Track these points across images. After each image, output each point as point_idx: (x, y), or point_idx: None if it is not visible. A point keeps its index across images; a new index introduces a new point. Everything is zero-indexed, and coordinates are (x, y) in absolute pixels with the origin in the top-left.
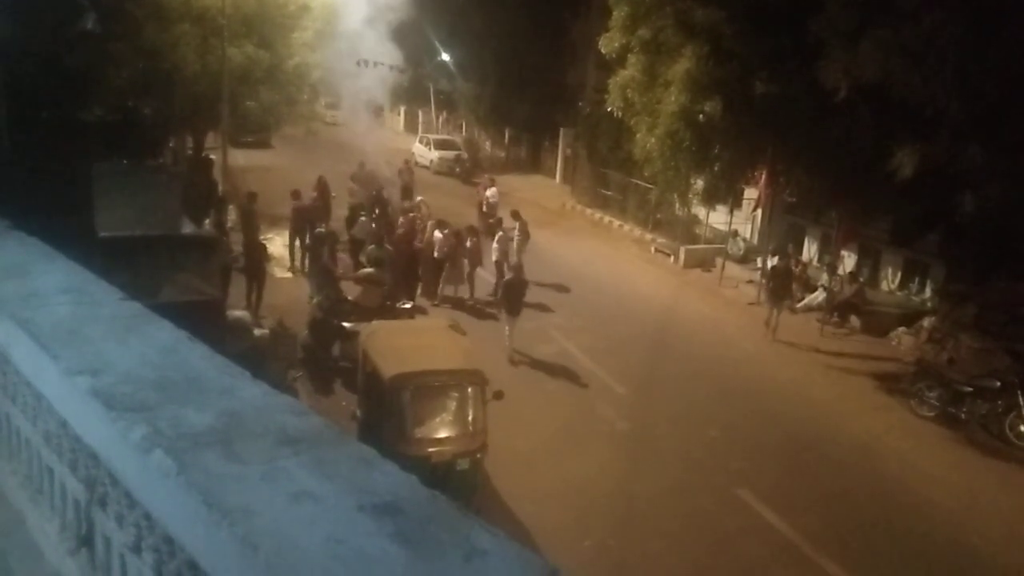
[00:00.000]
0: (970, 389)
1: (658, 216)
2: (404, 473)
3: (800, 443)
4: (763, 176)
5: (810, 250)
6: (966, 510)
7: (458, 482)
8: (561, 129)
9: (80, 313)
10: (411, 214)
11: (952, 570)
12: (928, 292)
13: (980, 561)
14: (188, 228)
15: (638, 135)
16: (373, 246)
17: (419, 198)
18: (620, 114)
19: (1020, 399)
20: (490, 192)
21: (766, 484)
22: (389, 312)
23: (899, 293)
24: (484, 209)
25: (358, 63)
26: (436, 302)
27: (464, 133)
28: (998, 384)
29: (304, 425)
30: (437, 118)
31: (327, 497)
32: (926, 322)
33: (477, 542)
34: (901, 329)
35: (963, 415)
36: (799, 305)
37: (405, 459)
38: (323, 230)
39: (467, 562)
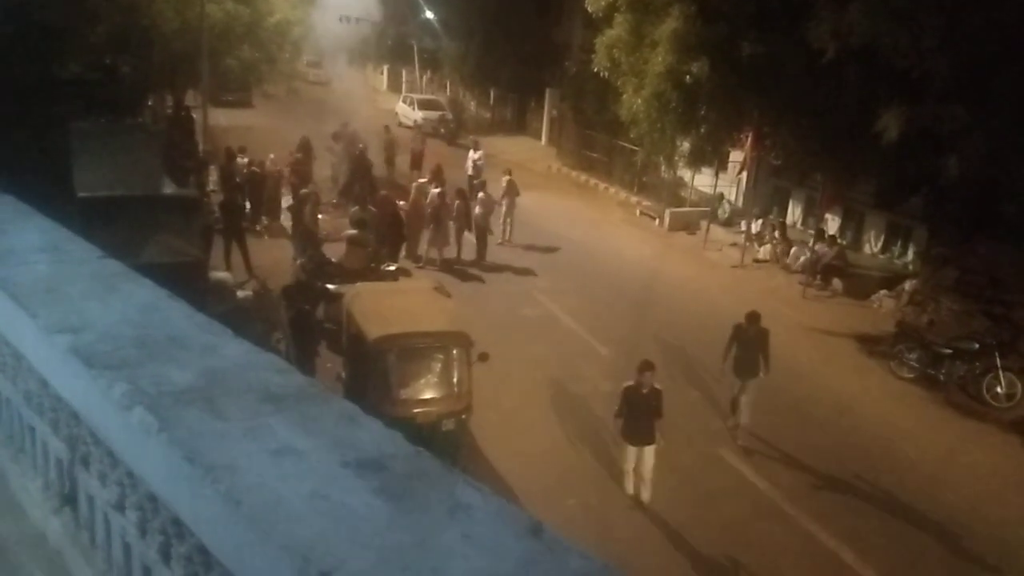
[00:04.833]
0: (949, 351)
1: (644, 179)
2: (388, 430)
3: (781, 404)
4: (749, 138)
5: (795, 213)
6: (943, 468)
7: (443, 442)
8: (547, 90)
9: (59, 271)
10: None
11: (929, 526)
12: (910, 255)
13: (956, 517)
14: (169, 188)
15: (624, 96)
16: (357, 207)
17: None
18: (606, 74)
19: (998, 361)
20: (476, 155)
21: (747, 443)
22: (373, 274)
23: (882, 256)
24: (470, 172)
25: (340, 19)
26: (420, 264)
27: (448, 93)
28: (976, 346)
29: (287, 382)
30: (421, 77)
31: (310, 453)
32: (907, 285)
33: (461, 497)
34: (883, 292)
35: (942, 376)
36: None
37: (390, 420)
38: (306, 191)
39: (451, 516)
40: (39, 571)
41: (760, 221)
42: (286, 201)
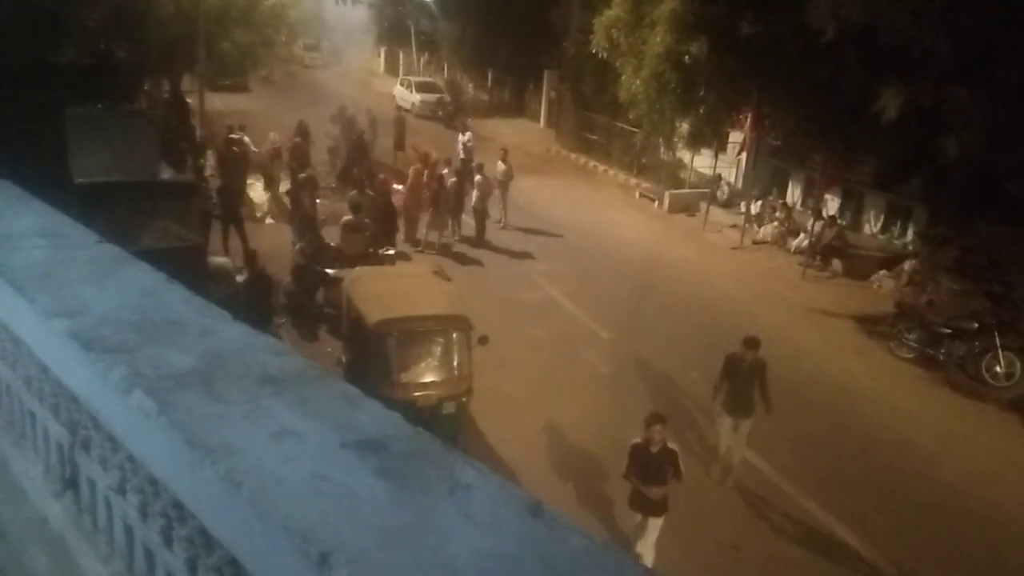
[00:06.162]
0: (948, 331)
1: (643, 160)
2: (388, 411)
3: (781, 385)
4: (748, 119)
5: (794, 194)
6: (942, 448)
7: (444, 425)
8: (545, 71)
9: (57, 256)
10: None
11: (927, 505)
12: (910, 235)
13: (954, 496)
14: (166, 174)
15: (623, 77)
16: (355, 191)
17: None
18: (605, 55)
19: (997, 340)
20: (465, 137)
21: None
22: (372, 258)
23: (881, 236)
24: (461, 155)
25: (337, 1)
26: (420, 248)
27: (446, 75)
28: (976, 326)
29: (286, 365)
30: (418, 60)
31: (310, 435)
32: (907, 265)
33: (461, 476)
34: (882, 272)
35: (941, 356)
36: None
37: (391, 403)
38: (305, 175)
39: (451, 496)
40: (42, 555)
41: (760, 202)
42: (283, 185)
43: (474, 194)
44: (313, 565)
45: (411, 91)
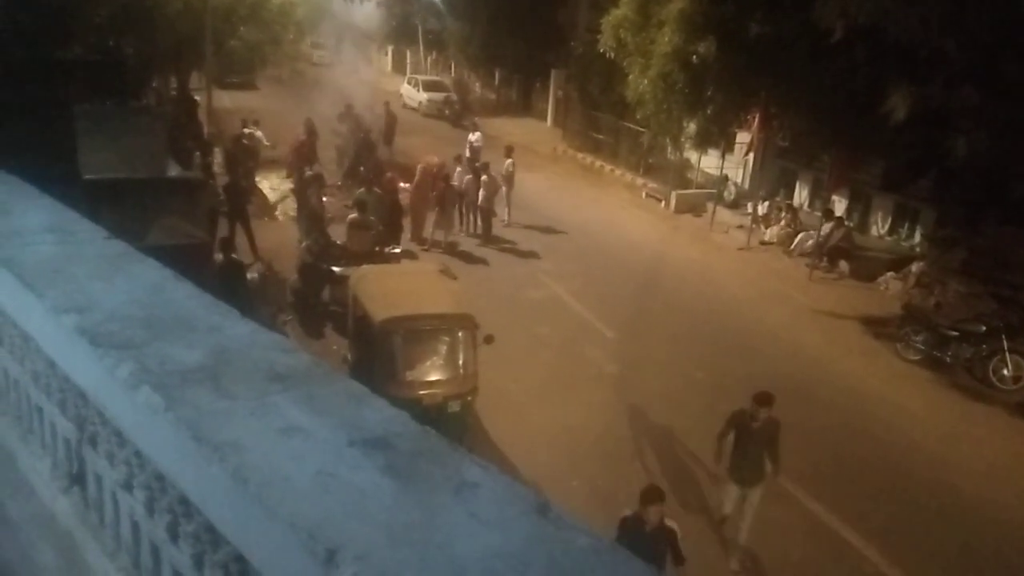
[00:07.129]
0: (955, 333)
1: (650, 160)
2: (394, 409)
3: (786, 386)
4: (756, 120)
5: (801, 195)
6: (948, 450)
7: (449, 424)
8: (552, 71)
9: (65, 252)
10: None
11: (933, 507)
12: (918, 237)
13: (960, 499)
14: (174, 171)
15: (631, 77)
16: (362, 189)
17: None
18: (612, 55)
19: (1004, 343)
20: (474, 136)
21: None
22: (378, 256)
23: (889, 238)
24: (468, 154)
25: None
26: (426, 247)
27: (453, 74)
28: (983, 328)
29: (293, 362)
30: (426, 58)
31: (317, 432)
32: (914, 267)
33: (467, 475)
34: (890, 274)
35: (948, 359)
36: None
37: (396, 401)
38: (311, 172)
39: (457, 494)
40: (49, 550)
41: (767, 203)
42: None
43: (480, 193)
44: (320, 562)
45: (418, 90)
